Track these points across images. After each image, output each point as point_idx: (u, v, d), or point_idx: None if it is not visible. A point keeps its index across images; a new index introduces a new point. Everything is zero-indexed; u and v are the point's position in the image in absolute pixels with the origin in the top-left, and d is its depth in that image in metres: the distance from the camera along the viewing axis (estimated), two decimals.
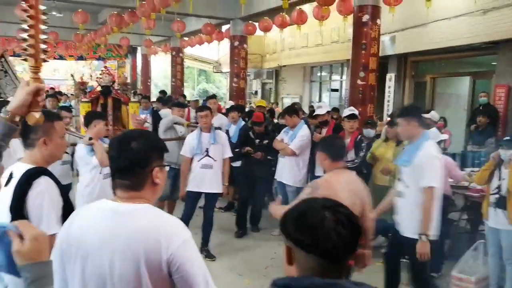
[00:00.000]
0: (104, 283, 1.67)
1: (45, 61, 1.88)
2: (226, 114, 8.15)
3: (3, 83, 10.81)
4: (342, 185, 3.18)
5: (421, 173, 3.60)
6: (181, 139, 6.49)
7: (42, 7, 1.78)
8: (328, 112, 6.79)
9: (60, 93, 17.04)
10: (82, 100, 5.94)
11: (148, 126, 7.48)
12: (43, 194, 2.25)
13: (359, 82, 8.03)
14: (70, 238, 1.74)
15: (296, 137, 6.25)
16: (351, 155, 5.95)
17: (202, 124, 5.75)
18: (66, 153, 5.10)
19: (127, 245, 1.65)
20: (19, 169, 2.35)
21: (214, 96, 8.97)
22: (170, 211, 6.59)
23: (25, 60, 1.83)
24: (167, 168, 1.88)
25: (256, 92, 22.70)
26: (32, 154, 2.41)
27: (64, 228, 1.81)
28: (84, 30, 14.83)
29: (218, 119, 7.63)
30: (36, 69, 1.80)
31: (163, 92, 15.31)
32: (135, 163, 1.75)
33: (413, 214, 3.64)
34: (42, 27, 1.80)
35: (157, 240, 1.64)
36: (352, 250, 1.26)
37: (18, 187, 2.26)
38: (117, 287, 1.65)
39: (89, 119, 4.60)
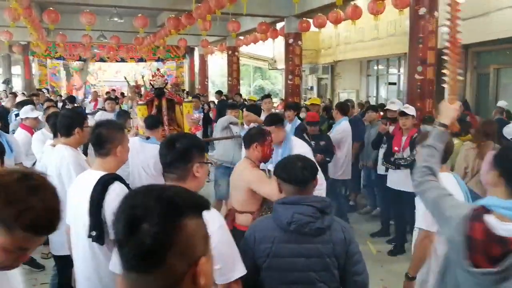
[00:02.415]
0: None
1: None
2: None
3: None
4: None
5: None
6: (235, 137, 6.50)
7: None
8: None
9: (122, 94, 17.63)
10: (138, 103, 6.05)
11: (201, 125, 7.57)
12: (118, 198, 2.30)
13: (416, 76, 7.70)
14: None
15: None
16: (406, 153, 5.72)
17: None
18: None
19: None
20: (92, 176, 2.59)
21: (269, 96, 8.92)
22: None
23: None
24: (208, 165, 2.25)
25: (311, 88, 22.46)
26: (105, 162, 2.67)
27: None
28: (143, 33, 15.22)
29: None
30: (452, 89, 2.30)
31: (219, 92, 15.43)
32: (179, 159, 2.12)
33: None
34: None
35: None
36: (311, 180, 2.39)
37: (95, 193, 2.50)
38: None
39: (154, 123, 5.03)
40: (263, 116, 6.52)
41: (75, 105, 11.48)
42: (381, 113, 7.70)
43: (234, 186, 3.50)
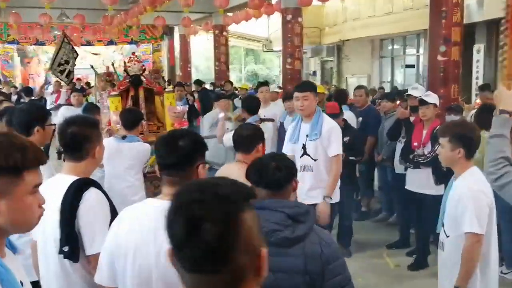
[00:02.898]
0: (150, 275, 2.09)
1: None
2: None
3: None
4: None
5: None
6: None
7: None
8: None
9: (88, 84, 17.56)
10: (111, 93, 6.07)
11: (185, 119, 7.57)
12: (94, 208, 2.53)
13: (439, 58, 7.75)
14: (119, 235, 2.17)
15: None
16: (427, 149, 5.76)
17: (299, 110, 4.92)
18: None
19: None
20: (62, 182, 2.58)
21: (266, 83, 8.96)
22: None
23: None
24: (207, 166, 2.33)
25: (314, 73, 22.55)
26: (80, 165, 2.68)
27: (112, 228, 2.24)
28: (113, 11, 15.16)
29: (271, 109, 7.60)
30: None
31: (198, 82, 15.29)
32: (183, 160, 2.18)
33: None
34: None
35: None
36: (285, 183, 2.44)
37: (67, 201, 2.51)
38: (162, 279, 2.06)
39: (134, 120, 5.05)
40: (260, 110, 6.57)
41: (33, 98, 11.46)
42: (398, 102, 7.75)
43: None
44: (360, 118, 7.40)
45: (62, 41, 11.49)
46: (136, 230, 2.16)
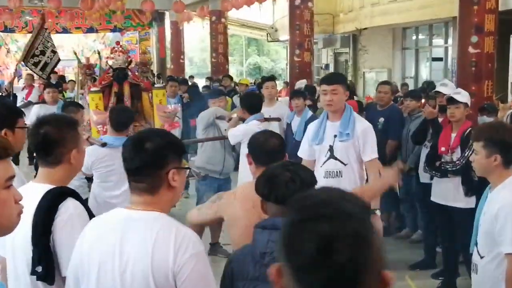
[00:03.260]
0: None
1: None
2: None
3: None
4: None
5: None
6: (226, 139, 6.54)
7: None
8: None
9: (63, 78, 17.57)
10: (91, 89, 6.11)
11: (179, 120, 7.60)
12: (73, 222, 2.49)
13: (470, 50, 7.77)
14: (82, 252, 2.20)
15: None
16: (456, 155, 5.77)
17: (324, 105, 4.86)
18: None
19: (136, 255, 2.12)
20: (34, 191, 2.51)
21: (272, 78, 9.01)
22: (216, 234, 6.61)
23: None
24: (187, 171, 2.39)
25: (326, 66, 22.59)
26: (53, 172, 2.63)
27: (77, 243, 2.25)
28: None
29: (277, 108, 7.63)
30: None
31: (184, 82, 14.80)
32: (150, 163, 2.19)
33: None
34: None
35: (165, 251, 2.11)
36: None
37: (40, 214, 2.46)
38: None
39: (125, 120, 5.11)
40: (265, 108, 6.57)
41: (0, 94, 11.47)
42: (423, 101, 7.76)
43: (236, 219, 3.20)
44: (382, 119, 7.36)
45: (40, 27, 11.44)
46: (98, 244, 2.18)
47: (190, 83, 14.38)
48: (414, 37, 18.29)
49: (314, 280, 1.12)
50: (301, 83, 9.94)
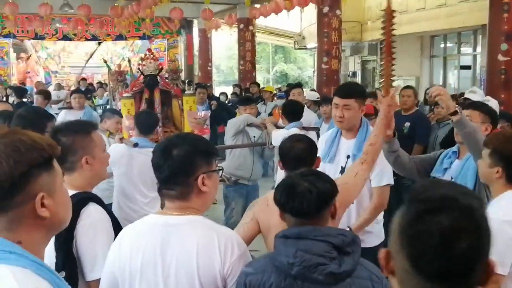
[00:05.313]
0: None
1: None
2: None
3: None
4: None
5: None
6: (257, 145, 6.59)
7: None
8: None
9: (92, 85, 17.75)
10: (123, 95, 6.20)
11: (207, 126, 7.67)
12: (95, 227, 2.51)
13: (500, 57, 7.76)
14: (121, 260, 2.22)
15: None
16: None
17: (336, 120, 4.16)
18: None
19: (179, 259, 2.15)
20: None
21: (299, 85, 9.04)
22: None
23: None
24: (219, 173, 2.36)
25: (354, 74, 22.55)
26: (73, 179, 2.61)
27: (113, 250, 2.29)
28: (124, 1, 15.39)
29: (305, 116, 7.65)
30: None
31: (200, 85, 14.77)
32: (178, 172, 2.19)
33: None
34: None
35: (211, 254, 2.15)
36: (319, 210, 2.26)
37: None
38: None
39: (151, 123, 5.13)
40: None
41: (23, 100, 11.66)
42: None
43: (270, 226, 3.11)
44: (408, 124, 7.36)
45: None
46: (138, 252, 2.20)
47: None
48: (442, 45, 18.20)
49: (434, 268, 1.23)
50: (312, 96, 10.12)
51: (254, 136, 6.79)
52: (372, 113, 6.45)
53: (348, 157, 4.08)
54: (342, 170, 4.08)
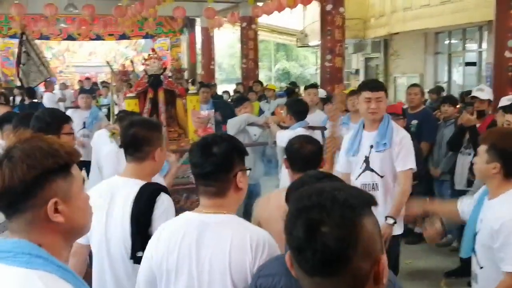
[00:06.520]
0: None
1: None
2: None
3: (26, 69, 11.50)
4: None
5: None
6: (259, 145, 6.55)
7: None
8: (489, 102, 6.52)
9: (96, 84, 17.77)
10: (127, 95, 6.14)
11: (212, 125, 7.60)
12: (167, 213, 2.83)
13: (507, 54, 7.69)
14: (158, 255, 2.37)
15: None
16: None
17: (366, 114, 4.53)
18: None
19: (213, 257, 2.28)
20: (128, 184, 2.92)
21: (315, 85, 9.07)
22: None
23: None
24: (248, 173, 2.48)
25: (357, 72, 22.49)
26: (141, 168, 2.98)
27: (152, 244, 2.45)
28: (127, 0, 15.38)
29: (316, 116, 7.62)
30: None
31: (204, 84, 14.46)
32: (220, 168, 2.34)
33: None
34: None
35: (242, 253, 2.27)
36: None
37: (140, 207, 2.82)
38: None
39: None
40: (309, 116, 6.53)
41: (34, 100, 11.68)
42: (458, 106, 7.68)
43: (270, 224, 3.15)
44: (415, 121, 7.30)
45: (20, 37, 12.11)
46: (175, 248, 2.33)
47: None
48: (447, 42, 18.11)
49: (306, 260, 1.26)
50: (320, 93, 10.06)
51: (255, 135, 6.80)
52: (399, 112, 6.36)
53: (371, 146, 4.50)
54: (366, 160, 4.54)
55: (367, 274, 1.29)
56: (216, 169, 2.33)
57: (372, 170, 4.53)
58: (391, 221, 4.40)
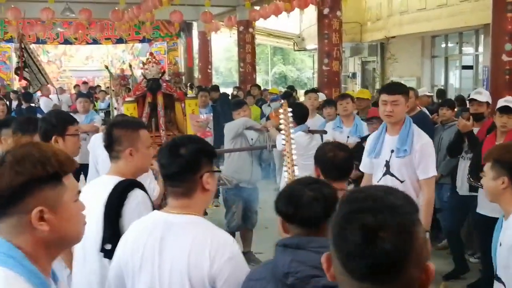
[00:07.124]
0: None
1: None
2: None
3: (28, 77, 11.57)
4: None
5: None
6: (257, 149, 6.54)
7: None
8: (488, 104, 6.52)
9: (93, 88, 17.75)
10: (126, 99, 6.13)
11: (210, 129, 7.61)
12: (140, 208, 2.83)
13: (504, 58, 7.69)
14: (125, 253, 2.41)
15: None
16: None
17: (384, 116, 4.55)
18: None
19: (174, 257, 2.30)
20: (106, 181, 2.98)
21: (316, 90, 9.10)
22: (247, 243, 6.82)
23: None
24: (218, 175, 2.57)
25: (353, 75, 22.51)
26: (118, 167, 3.04)
27: (121, 242, 2.50)
28: (124, 5, 15.37)
29: (316, 120, 7.63)
30: None
31: (215, 88, 14.97)
32: (186, 169, 2.35)
33: None
34: None
35: (201, 255, 2.27)
36: (326, 218, 1.95)
37: (112, 201, 2.85)
38: None
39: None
40: (310, 121, 6.54)
41: (31, 105, 11.65)
42: (455, 110, 7.68)
43: None
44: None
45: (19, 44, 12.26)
46: (140, 246, 2.37)
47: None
48: (443, 45, 18.15)
49: (359, 265, 1.24)
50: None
51: (252, 139, 6.80)
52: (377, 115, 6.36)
53: (392, 151, 4.49)
54: (387, 164, 4.53)
55: (415, 282, 1.29)
56: (182, 170, 2.35)
57: (392, 175, 4.53)
58: (428, 235, 4.36)
